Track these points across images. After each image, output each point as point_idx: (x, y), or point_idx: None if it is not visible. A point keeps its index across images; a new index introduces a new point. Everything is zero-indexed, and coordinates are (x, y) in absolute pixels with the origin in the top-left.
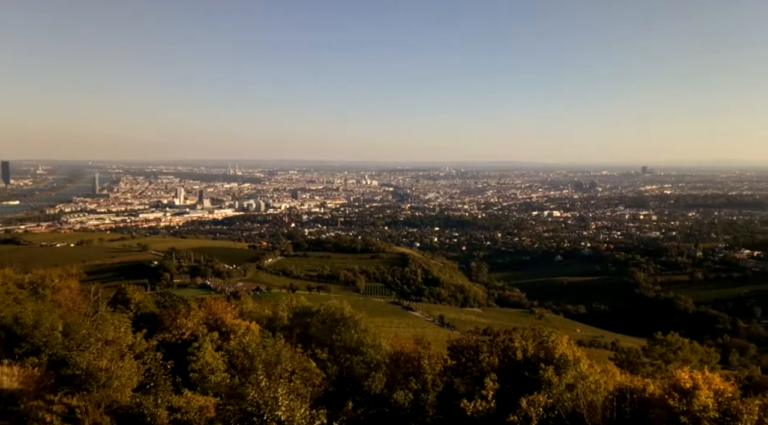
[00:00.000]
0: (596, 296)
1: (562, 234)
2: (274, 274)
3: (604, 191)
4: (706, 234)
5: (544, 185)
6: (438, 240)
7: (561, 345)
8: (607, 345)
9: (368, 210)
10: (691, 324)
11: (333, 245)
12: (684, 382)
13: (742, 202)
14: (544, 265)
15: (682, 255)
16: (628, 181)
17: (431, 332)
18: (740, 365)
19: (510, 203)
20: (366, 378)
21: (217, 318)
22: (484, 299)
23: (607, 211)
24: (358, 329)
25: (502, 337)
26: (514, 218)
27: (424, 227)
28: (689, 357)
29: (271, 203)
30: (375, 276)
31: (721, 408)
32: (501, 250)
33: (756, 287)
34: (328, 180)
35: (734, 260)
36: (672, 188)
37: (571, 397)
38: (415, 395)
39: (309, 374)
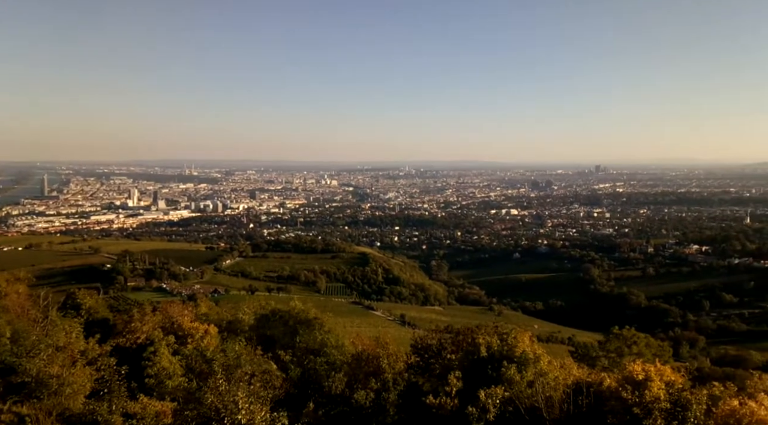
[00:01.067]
0: (553, 292)
1: (519, 232)
2: (232, 276)
3: (560, 190)
4: (657, 230)
5: (502, 184)
6: (398, 239)
7: (522, 342)
8: (564, 340)
9: (328, 210)
10: (643, 317)
11: (293, 246)
12: (637, 375)
13: (690, 199)
14: (503, 263)
15: (635, 251)
16: (583, 179)
17: (393, 331)
18: (690, 357)
19: (469, 201)
20: (327, 378)
21: (173, 322)
22: (445, 297)
23: (563, 209)
24: (321, 330)
25: (465, 335)
26: (473, 217)
27: (384, 226)
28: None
29: (229, 203)
30: (336, 276)
31: (671, 399)
32: (461, 248)
33: (704, 281)
34: (288, 180)
35: (684, 255)
36: (624, 186)
37: (531, 393)
38: (376, 394)
39: (270, 376)
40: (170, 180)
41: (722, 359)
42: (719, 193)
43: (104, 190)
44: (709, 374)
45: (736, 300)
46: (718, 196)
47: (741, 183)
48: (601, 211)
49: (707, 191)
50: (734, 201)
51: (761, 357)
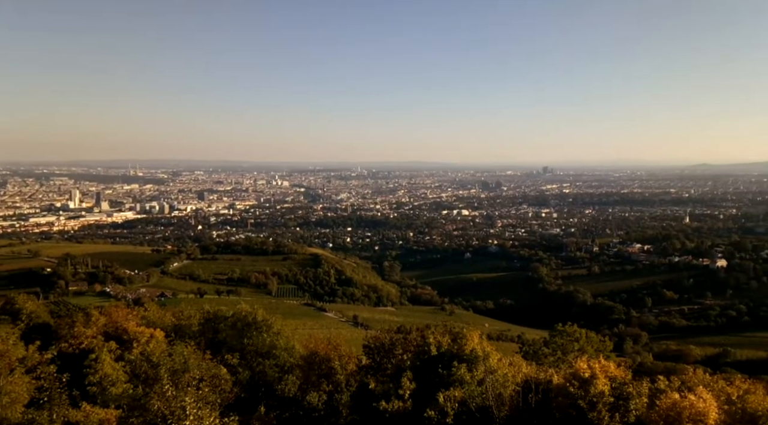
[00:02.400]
0: (503, 291)
1: (470, 232)
2: (180, 279)
3: (509, 190)
4: (601, 230)
5: (453, 185)
6: (351, 240)
7: (472, 341)
8: (514, 338)
9: (279, 211)
10: (589, 315)
11: (243, 248)
12: (583, 371)
13: (633, 199)
14: (455, 263)
15: (581, 250)
16: (531, 180)
17: (345, 332)
18: (633, 352)
19: (421, 202)
20: (279, 381)
21: (117, 327)
22: (397, 297)
23: (512, 209)
24: (270, 332)
25: (416, 334)
26: (425, 218)
27: (336, 227)
28: (585, 347)
29: (176, 205)
30: (287, 278)
31: (615, 394)
32: (413, 249)
33: (646, 278)
34: (237, 181)
35: (627, 254)
36: (570, 187)
37: (481, 391)
38: (329, 396)
39: (219, 380)
40: (114, 181)
41: (664, 354)
42: (660, 194)
43: (44, 191)
44: (651, 368)
45: (677, 297)
46: (659, 196)
47: (680, 184)
48: (549, 211)
49: (649, 191)
50: (674, 201)
51: (700, 352)
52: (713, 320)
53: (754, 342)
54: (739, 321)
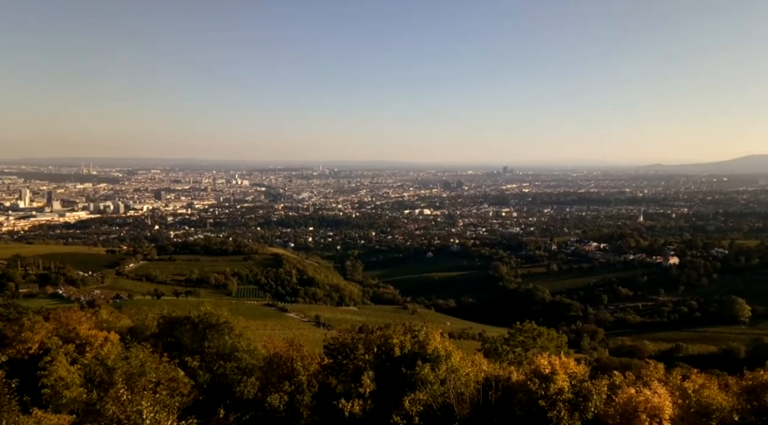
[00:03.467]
0: (465, 289)
1: (432, 231)
2: (136, 280)
3: (470, 190)
4: (560, 229)
5: (415, 184)
6: (313, 240)
7: (434, 340)
8: (475, 336)
9: (239, 211)
10: (548, 312)
11: (202, 248)
12: (543, 368)
13: (590, 199)
14: (417, 262)
15: (540, 249)
16: (491, 180)
17: (307, 332)
18: (591, 348)
19: (383, 201)
20: (239, 383)
21: (70, 330)
22: (360, 297)
23: (473, 208)
24: (232, 334)
25: (378, 334)
26: (387, 217)
27: (298, 227)
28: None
29: (132, 204)
30: (248, 278)
31: (574, 390)
32: (375, 248)
33: (603, 276)
34: (196, 180)
35: (584, 252)
36: (530, 187)
37: (443, 390)
38: (290, 397)
39: (177, 383)
40: (66, 180)
41: (619, 349)
42: (615, 193)
43: None
44: (607, 364)
45: (632, 294)
46: (614, 196)
47: (635, 184)
48: (509, 210)
49: (605, 191)
50: (629, 201)
51: (654, 347)
52: (666, 316)
53: (705, 336)
54: (691, 317)
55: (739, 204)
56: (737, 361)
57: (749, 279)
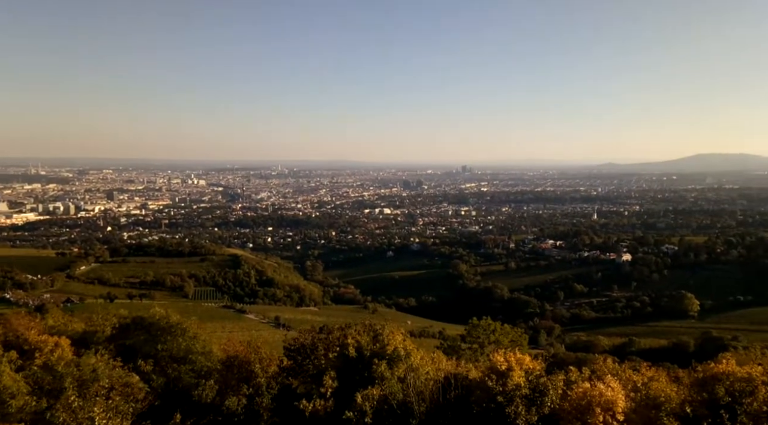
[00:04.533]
0: (425, 288)
1: (392, 231)
2: (88, 283)
3: (430, 189)
4: (517, 227)
5: (375, 184)
6: (272, 240)
7: (394, 339)
8: (436, 334)
9: (196, 211)
10: (507, 309)
11: (157, 249)
12: (500, 365)
13: (546, 197)
14: (377, 261)
15: (498, 247)
16: (451, 179)
17: (266, 334)
18: (547, 344)
19: (343, 201)
20: (196, 387)
21: (17, 335)
22: (320, 297)
23: (433, 208)
24: (186, 337)
25: (338, 334)
26: (348, 216)
27: (256, 227)
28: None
29: (83, 205)
30: (205, 280)
31: (531, 386)
32: (335, 248)
33: (559, 273)
34: (150, 180)
35: (541, 250)
36: (488, 186)
37: (403, 388)
38: (249, 399)
39: (131, 389)
40: (13, 180)
41: (575, 344)
42: (571, 192)
43: None
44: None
45: (587, 290)
46: (569, 195)
47: (589, 183)
48: (468, 209)
49: (560, 190)
50: (583, 199)
51: (608, 342)
52: (619, 311)
53: (656, 331)
54: (643, 312)
55: (688, 202)
56: (687, 354)
57: (698, 275)
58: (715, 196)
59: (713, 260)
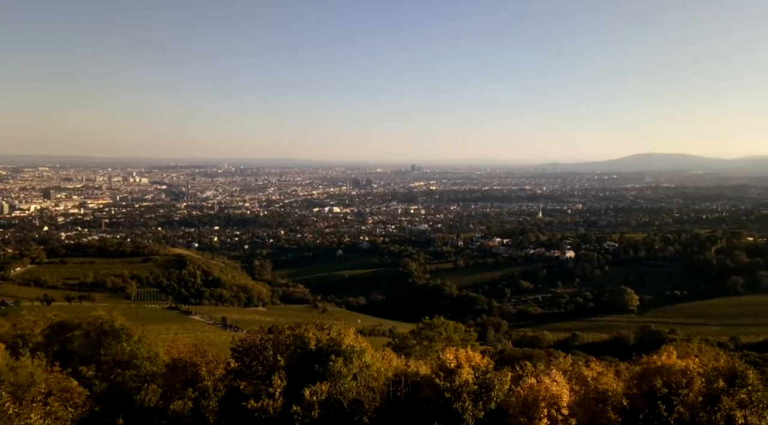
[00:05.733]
0: (375, 287)
1: (342, 229)
2: (23, 285)
3: (380, 188)
4: (465, 225)
5: (325, 182)
6: (218, 240)
7: (347, 337)
8: (386, 333)
9: (138, 210)
10: (456, 306)
11: (97, 250)
12: (449, 362)
13: (493, 196)
14: (327, 260)
15: (447, 245)
16: (400, 178)
17: (213, 335)
18: (495, 340)
19: (292, 200)
20: (139, 391)
21: None
22: (269, 297)
23: (383, 206)
24: (130, 341)
25: (288, 333)
26: (297, 215)
27: (202, 226)
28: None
29: (17, 204)
30: (148, 281)
31: (478, 382)
32: (284, 247)
33: (506, 270)
34: (89, 178)
35: (488, 247)
36: (437, 185)
37: (355, 386)
38: (195, 403)
39: (70, 394)
40: None
41: (522, 340)
42: (517, 190)
43: None
44: (511, 354)
45: (533, 287)
46: (516, 193)
47: (534, 182)
48: (417, 208)
49: (507, 188)
50: (529, 198)
51: (553, 337)
52: (563, 307)
53: (598, 325)
54: (586, 307)
55: (628, 200)
56: (627, 347)
57: (637, 270)
58: (654, 194)
59: (651, 256)
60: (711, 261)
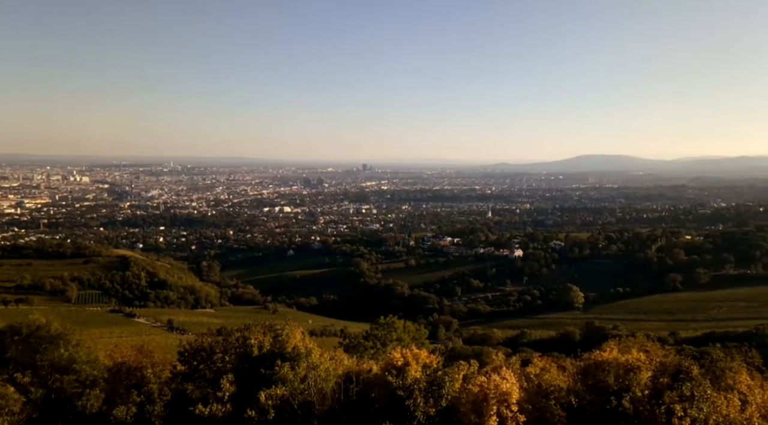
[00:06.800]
0: (327, 287)
1: (293, 229)
2: None
3: (331, 187)
4: (417, 225)
5: (275, 182)
6: (164, 240)
7: (295, 338)
8: (337, 333)
9: (79, 210)
10: (407, 305)
11: (35, 251)
12: (396, 360)
13: (444, 196)
14: (278, 260)
15: (399, 244)
16: (351, 177)
17: (159, 338)
18: (446, 338)
19: (241, 199)
20: (80, 397)
21: None
22: (217, 298)
23: (334, 206)
24: (69, 345)
25: (237, 335)
26: (246, 215)
27: (147, 226)
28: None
29: None
30: (90, 283)
31: (429, 379)
32: (233, 247)
33: (456, 269)
34: (26, 176)
35: (439, 247)
36: (388, 184)
37: (304, 388)
38: (139, 407)
39: (5, 401)
40: None
41: (472, 338)
42: (467, 190)
43: None
44: (461, 352)
45: (482, 285)
46: (466, 193)
47: (483, 182)
48: (369, 207)
49: (457, 188)
50: (479, 197)
51: (502, 334)
52: (512, 305)
53: (545, 322)
54: (533, 305)
55: (573, 200)
56: (573, 344)
57: (582, 268)
58: (597, 195)
59: (596, 254)
60: (651, 259)
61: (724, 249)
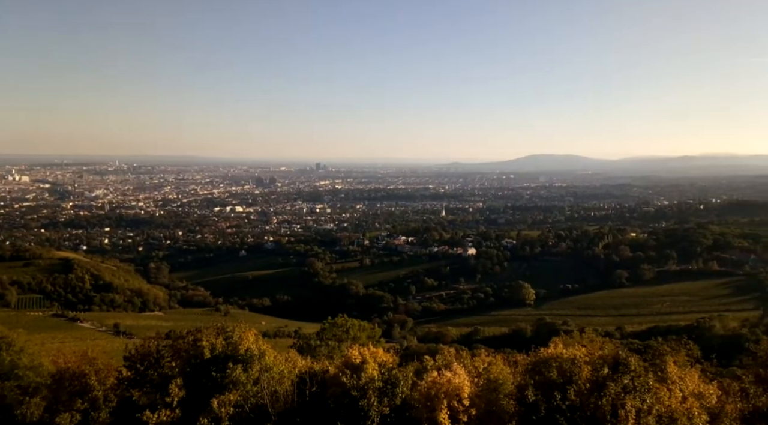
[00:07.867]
0: (280, 287)
1: (245, 229)
2: None
3: (284, 187)
4: (371, 224)
5: (226, 181)
6: (109, 241)
7: (247, 340)
8: (291, 334)
9: (18, 211)
10: (362, 305)
11: None
12: (354, 358)
13: (398, 195)
14: (229, 261)
15: (353, 244)
16: (305, 177)
17: (104, 343)
18: (401, 337)
19: (190, 199)
20: (20, 405)
21: None
22: (166, 301)
23: (287, 205)
24: (10, 351)
25: (188, 339)
26: (196, 215)
27: (92, 227)
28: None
29: None
30: (31, 287)
31: (383, 378)
32: (183, 248)
33: (411, 268)
34: None
35: (394, 246)
36: (342, 183)
37: (257, 390)
38: (83, 415)
39: None
40: None
41: (427, 336)
42: (421, 189)
43: None
44: (416, 350)
45: (437, 284)
46: (420, 192)
47: (437, 181)
48: (323, 207)
49: (412, 187)
50: (432, 197)
51: (456, 332)
52: (466, 302)
53: (498, 319)
54: (486, 302)
55: (524, 199)
56: (525, 340)
57: (533, 266)
58: (548, 194)
59: (546, 252)
60: (599, 256)
61: (667, 246)
